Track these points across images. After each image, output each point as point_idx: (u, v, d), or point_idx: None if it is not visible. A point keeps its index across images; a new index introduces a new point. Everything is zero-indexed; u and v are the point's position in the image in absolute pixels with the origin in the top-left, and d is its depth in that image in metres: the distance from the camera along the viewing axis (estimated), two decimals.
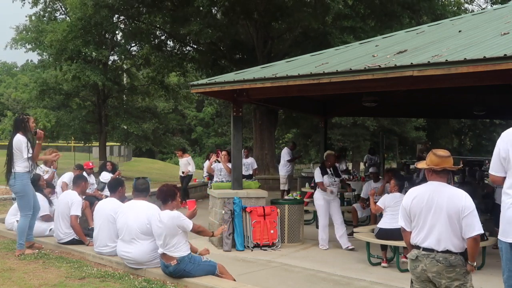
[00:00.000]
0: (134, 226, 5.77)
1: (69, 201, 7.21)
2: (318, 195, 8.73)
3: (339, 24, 18.78)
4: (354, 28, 18.28)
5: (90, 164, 10.65)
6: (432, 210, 3.79)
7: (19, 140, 6.59)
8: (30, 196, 6.80)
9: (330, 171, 8.79)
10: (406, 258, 4.91)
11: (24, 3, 22.99)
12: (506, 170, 3.82)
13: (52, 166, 9.33)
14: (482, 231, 3.73)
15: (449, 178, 4.07)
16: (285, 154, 14.23)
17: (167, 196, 5.51)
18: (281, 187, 13.93)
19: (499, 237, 3.85)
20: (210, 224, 9.09)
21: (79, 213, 7.28)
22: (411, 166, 12.88)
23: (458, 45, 6.83)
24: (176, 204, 5.56)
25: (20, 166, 6.59)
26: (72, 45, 19.82)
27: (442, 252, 3.73)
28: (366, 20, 19.70)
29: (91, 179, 10.30)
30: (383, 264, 7.25)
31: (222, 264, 5.74)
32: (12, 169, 6.58)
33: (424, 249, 3.81)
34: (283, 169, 13.99)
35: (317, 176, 8.76)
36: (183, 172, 14.27)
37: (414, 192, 3.98)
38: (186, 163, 14.27)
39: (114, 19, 21.06)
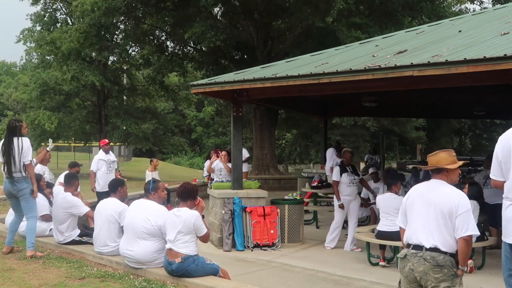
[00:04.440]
0: (140, 225, 5.75)
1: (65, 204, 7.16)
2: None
3: (346, 21, 18.70)
4: (360, 24, 18.23)
5: (106, 140, 10.55)
6: (425, 206, 3.77)
7: (27, 143, 6.62)
8: (34, 198, 6.84)
9: (349, 169, 8.58)
10: None
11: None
12: (504, 173, 3.83)
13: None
14: (476, 232, 3.64)
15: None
16: (330, 156, 12.83)
17: (188, 194, 5.52)
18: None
19: (502, 237, 3.86)
20: (210, 224, 9.09)
21: (86, 210, 7.25)
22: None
23: (458, 45, 6.83)
24: (194, 203, 5.58)
25: (24, 170, 6.61)
26: (88, 51, 20.06)
27: (430, 250, 3.65)
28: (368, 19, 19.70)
29: (111, 156, 10.28)
30: (381, 263, 7.25)
31: (224, 266, 5.74)
32: (19, 172, 6.56)
33: (414, 247, 3.76)
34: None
35: (335, 174, 8.51)
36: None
37: (412, 189, 4.01)
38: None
39: (114, 20, 21.08)
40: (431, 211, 3.71)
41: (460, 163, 3.88)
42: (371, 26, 18.29)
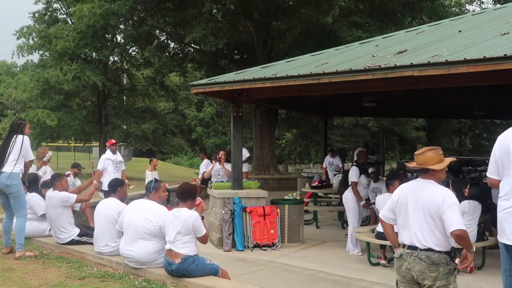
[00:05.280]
0: (141, 225, 5.74)
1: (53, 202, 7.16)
2: (350, 195, 8.27)
3: (346, 20, 18.69)
4: (360, 23, 18.21)
5: (113, 140, 10.60)
6: (414, 207, 3.78)
7: (28, 141, 6.62)
8: (24, 196, 6.81)
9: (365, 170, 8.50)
10: None
11: None
12: (500, 173, 3.84)
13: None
14: (461, 227, 3.59)
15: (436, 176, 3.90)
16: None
17: (187, 194, 5.51)
18: None
19: (498, 237, 3.88)
20: (210, 224, 9.09)
21: (75, 196, 7.28)
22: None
23: (458, 45, 6.84)
24: (193, 204, 5.57)
25: (19, 167, 6.57)
26: (83, 51, 20.11)
27: (425, 250, 3.69)
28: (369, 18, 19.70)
29: (118, 156, 10.30)
30: (381, 262, 7.24)
31: (224, 266, 5.73)
32: (7, 168, 6.49)
33: (409, 247, 3.78)
34: None
35: (352, 175, 8.31)
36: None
37: (403, 187, 4.01)
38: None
39: (113, 24, 21.09)
40: (421, 213, 3.74)
41: (447, 161, 3.86)
42: (371, 25, 18.29)
